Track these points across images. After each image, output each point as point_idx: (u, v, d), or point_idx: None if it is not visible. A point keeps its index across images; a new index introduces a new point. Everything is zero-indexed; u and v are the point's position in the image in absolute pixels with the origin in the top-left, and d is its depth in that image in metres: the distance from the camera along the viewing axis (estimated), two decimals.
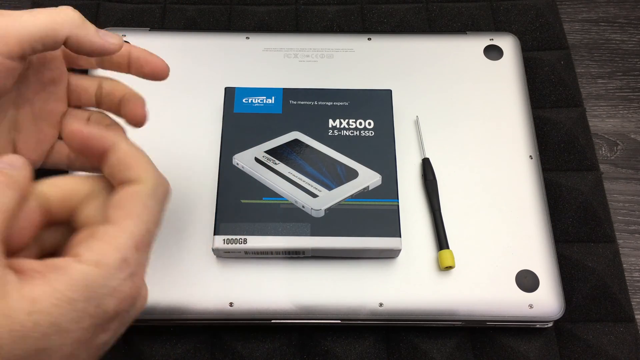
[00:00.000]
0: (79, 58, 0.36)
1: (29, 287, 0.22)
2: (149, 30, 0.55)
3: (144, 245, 0.25)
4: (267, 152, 0.47)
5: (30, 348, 0.21)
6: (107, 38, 0.32)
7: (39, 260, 0.24)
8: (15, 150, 0.34)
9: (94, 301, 0.23)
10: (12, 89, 0.32)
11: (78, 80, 0.36)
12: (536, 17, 0.60)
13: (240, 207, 0.45)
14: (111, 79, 0.37)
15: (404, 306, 0.44)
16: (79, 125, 0.28)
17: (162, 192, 0.28)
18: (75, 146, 0.28)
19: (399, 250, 0.44)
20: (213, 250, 0.44)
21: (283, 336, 0.46)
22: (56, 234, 0.28)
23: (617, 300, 0.48)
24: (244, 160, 0.46)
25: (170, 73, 0.52)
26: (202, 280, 0.45)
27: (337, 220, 0.44)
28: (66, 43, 0.31)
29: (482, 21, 0.60)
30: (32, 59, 0.33)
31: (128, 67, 0.36)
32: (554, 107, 0.56)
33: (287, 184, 0.46)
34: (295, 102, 0.49)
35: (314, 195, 0.45)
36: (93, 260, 0.23)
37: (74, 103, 0.37)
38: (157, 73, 0.35)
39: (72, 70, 0.37)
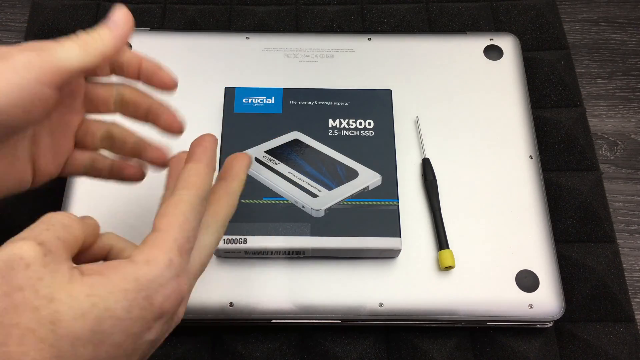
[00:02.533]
0: (95, 70, 0.36)
1: (88, 278, 0.25)
2: (149, 30, 0.55)
3: (185, 251, 0.28)
4: (267, 152, 0.47)
5: (85, 327, 0.24)
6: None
7: (98, 263, 0.27)
8: (34, 164, 0.34)
9: (144, 293, 0.26)
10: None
11: (94, 90, 0.36)
12: (536, 17, 0.60)
13: (240, 207, 0.45)
14: (130, 87, 0.36)
15: (404, 306, 0.44)
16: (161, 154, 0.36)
17: (202, 207, 0.30)
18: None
19: (399, 250, 0.44)
20: None
21: (283, 336, 0.46)
22: None
23: (617, 300, 0.48)
24: None
25: None
26: (202, 280, 0.44)
27: (337, 220, 0.44)
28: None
29: (482, 21, 0.60)
30: None
31: (138, 76, 0.36)
32: (554, 107, 0.56)
33: (287, 184, 0.46)
34: (295, 102, 0.49)
35: (314, 195, 0.45)
36: (143, 260, 0.27)
37: (91, 111, 0.37)
38: (164, 86, 0.36)
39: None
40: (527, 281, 0.45)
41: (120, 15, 0.33)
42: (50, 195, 0.48)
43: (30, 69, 0.29)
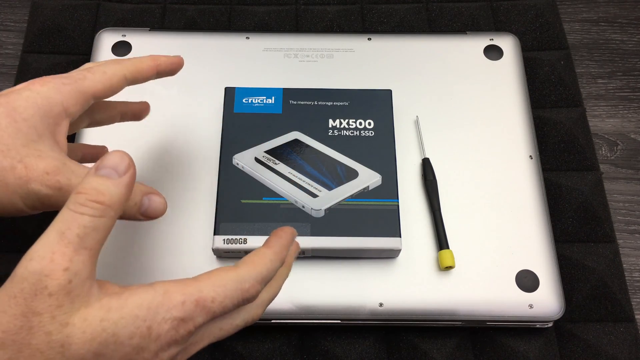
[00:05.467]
0: None
1: (106, 300, 0.27)
2: (149, 30, 0.55)
3: (204, 308, 0.29)
4: (267, 152, 0.47)
5: (91, 350, 0.26)
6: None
7: (119, 285, 0.29)
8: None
9: (149, 322, 0.27)
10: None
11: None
12: (536, 17, 0.60)
13: (240, 207, 0.45)
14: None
15: (404, 306, 0.44)
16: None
17: (247, 290, 0.31)
18: None
19: (399, 250, 0.44)
20: (213, 250, 0.44)
21: (283, 336, 0.46)
22: None
23: (617, 300, 0.48)
24: (244, 160, 0.46)
25: None
26: None
27: (337, 220, 0.44)
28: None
29: (482, 21, 0.60)
30: None
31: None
32: (554, 107, 0.56)
33: (287, 184, 0.45)
34: (295, 102, 0.49)
35: (314, 195, 0.45)
36: (162, 290, 0.28)
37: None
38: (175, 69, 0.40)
39: None
40: (527, 281, 0.45)
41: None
42: None
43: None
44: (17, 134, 0.31)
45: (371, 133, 0.48)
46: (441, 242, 0.46)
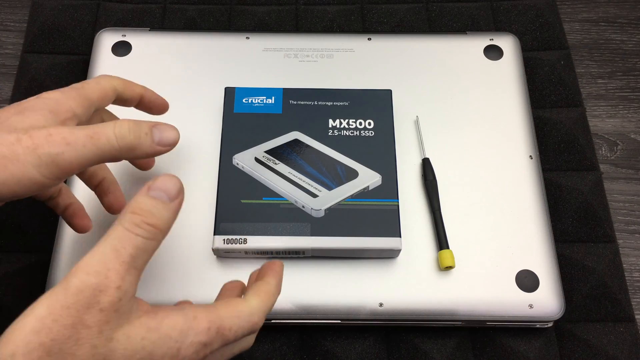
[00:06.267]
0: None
1: (145, 319, 0.29)
2: (149, 30, 0.55)
3: (220, 334, 0.31)
4: (267, 152, 0.47)
5: None
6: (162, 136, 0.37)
7: (149, 304, 0.31)
8: None
9: (179, 344, 0.29)
10: None
11: None
12: (536, 17, 0.60)
13: (240, 207, 0.45)
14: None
15: (404, 306, 0.44)
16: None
17: (254, 325, 0.33)
18: None
19: (399, 250, 0.44)
20: (213, 250, 0.44)
21: (283, 336, 0.46)
22: None
23: (617, 300, 0.48)
24: (244, 160, 0.47)
25: (170, 73, 0.53)
26: (202, 280, 0.45)
27: (337, 220, 0.44)
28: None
29: (482, 21, 0.60)
30: None
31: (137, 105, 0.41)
32: (554, 107, 0.56)
33: (287, 184, 0.46)
34: (295, 102, 0.49)
35: (314, 195, 0.45)
36: (191, 315, 0.30)
37: None
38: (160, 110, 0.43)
39: None
40: (527, 281, 0.45)
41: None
42: None
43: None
44: (24, 120, 0.32)
45: (371, 133, 0.48)
46: (441, 242, 0.46)
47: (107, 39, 0.54)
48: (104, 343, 0.27)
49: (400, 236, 0.44)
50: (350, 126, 0.48)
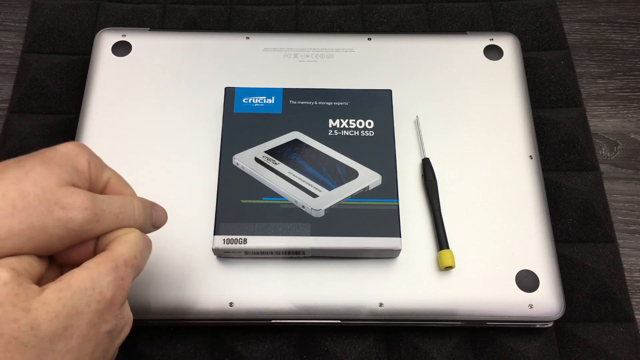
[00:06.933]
0: None
1: (53, 286, 0.30)
2: (149, 30, 0.55)
3: (131, 265, 0.33)
4: (267, 152, 0.47)
5: (59, 325, 0.28)
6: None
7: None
8: None
9: (98, 289, 0.30)
10: None
11: None
12: (536, 17, 0.60)
13: (240, 207, 0.45)
14: None
15: (404, 306, 0.44)
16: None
17: (148, 242, 0.35)
18: None
19: (399, 250, 0.44)
20: (213, 250, 0.44)
21: (283, 336, 0.46)
22: None
23: (617, 300, 0.48)
24: (244, 160, 0.47)
25: (170, 73, 0.53)
26: (202, 280, 0.45)
27: (337, 220, 0.44)
28: None
29: (482, 21, 0.60)
30: None
31: None
32: (554, 107, 0.56)
33: (287, 184, 0.46)
34: (295, 102, 0.49)
35: (314, 195, 0.45)
36: (94, 265, 0.31)
37: None
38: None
39: None
40: (527, 281, 0.45)
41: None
42: None
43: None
44: (50, 176, 0.31)
45: (371, 133, 0.48)
46: (441, 242, 0.46)
47: (107, 39, 0.54)
48: (24, 314, 0.28)
49: (400, 236, 0.44)
50: (350, 126, 0.48)
